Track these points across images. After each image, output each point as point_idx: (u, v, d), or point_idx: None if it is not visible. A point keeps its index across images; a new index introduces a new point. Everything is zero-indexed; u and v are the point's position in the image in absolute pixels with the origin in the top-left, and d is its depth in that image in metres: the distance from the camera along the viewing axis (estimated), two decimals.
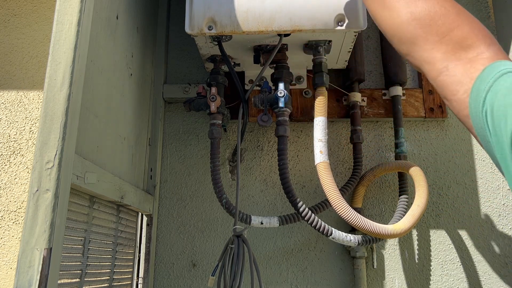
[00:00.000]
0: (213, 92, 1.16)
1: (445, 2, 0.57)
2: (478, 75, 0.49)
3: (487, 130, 0.45)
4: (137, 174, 1.24)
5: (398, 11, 0.59)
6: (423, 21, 0.57)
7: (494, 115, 0.44)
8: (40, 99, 1.45)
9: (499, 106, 0.44)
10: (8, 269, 1.33)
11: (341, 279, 1.30)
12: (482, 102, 0.46)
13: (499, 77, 0.46)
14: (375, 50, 1.47)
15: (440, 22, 0.55)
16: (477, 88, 0.48)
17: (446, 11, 0.56)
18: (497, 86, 0.45)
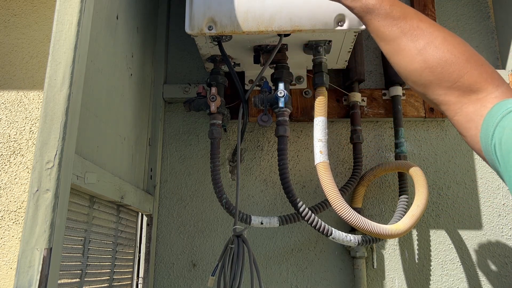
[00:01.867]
0: (213, 92, 1.16)
1: (455, 49, 0.61)
2: (487, 112, 0.53)
3: (497, 162, 0.49)
4: (137, 174, 1.24)
5: (412, 59, 0.63)
6: (435, 69, 0.61)
7: (502, 148, 0.48)
8: (40, 99, 1.45)
9: (507, 139, 0.48)
10: (8, 269, 1.33)
11: (341, 279, 1.30)
12: (491, 136, 0.50)
13: (507, 114, 0.50)
14: (375, 50, 1.47)
15: (451, 70, 0.59)
16: (487, 124, 0.52)
17: (456, 59, 0.60)
18: (505, 122, 0.50)
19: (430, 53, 0.62)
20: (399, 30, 0.65)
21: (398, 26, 0.66)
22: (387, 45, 0.68)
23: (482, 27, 1.48)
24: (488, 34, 1.48)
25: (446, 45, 0.62)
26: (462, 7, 1.51)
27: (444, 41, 0.62)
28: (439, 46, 0.62)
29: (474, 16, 1.50)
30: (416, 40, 0.64)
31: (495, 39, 1.47)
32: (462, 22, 1.49)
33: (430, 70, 0.61)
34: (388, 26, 0.67)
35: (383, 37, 0.68)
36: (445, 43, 0.62)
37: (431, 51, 0.62)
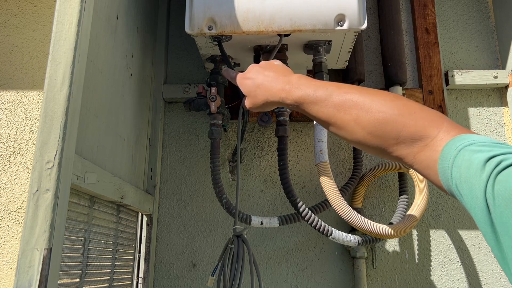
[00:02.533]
0: (213, 92, 1.16)
1: (384, 106, 0.63)
2: (439, 156, 0.55)
3: (462, 201, 0.51)
4: (137, 174, 1.24)
5: (352, 130, 0.65)
6: (375, 132, 0.63)
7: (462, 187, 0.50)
8: (40, 99, 1.45)
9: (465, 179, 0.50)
10: (8, 269, 1.33)
11: (341, 279, 1.30)
12: (450, 178, 0.52)
13: (458, 153, 0.52)
14: (375, 50, 1.47)
15: (388, 128, 0.61)
16: (442, 168, 0.54)
17: (389, 116, 0.62)
18: (458, 160, 0.51)
19: (365, 120, 0.64)
20: (331, 109, 0.68)
21: (328, 107, 0.68)
22: (329, 127, 0.70)
23: (482, 27, 1.48)
24: (488, 34, 1.48)
25: (375, 106, 0.64)
26: (462, 7, 1.51)
27: (372, 103, 0.64)
28: (369, 109, 0.64)
29: (474, 16, 1.50)
30: (348, 112, 0.66)
31: (495, 39, 1.47)
32: (462, 22, 1.49)
33: (371, 135, 0.63)
34: (321, 109, 0.69)
35: (322, 120, 0.70)
36: (374, 104, 0.64)
37: (364, 118, 0.64)
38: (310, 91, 0.70)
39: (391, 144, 0.61)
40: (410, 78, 1.43)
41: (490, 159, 0.48)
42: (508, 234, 0.44)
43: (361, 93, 0.66)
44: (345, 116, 0.66)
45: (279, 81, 0.76)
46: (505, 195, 0.45)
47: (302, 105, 0.71)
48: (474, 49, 1.47)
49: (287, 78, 0.76)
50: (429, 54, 1.41)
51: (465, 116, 1.41)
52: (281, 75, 0.77)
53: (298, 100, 0.72)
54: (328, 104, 0.68)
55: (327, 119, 0.68)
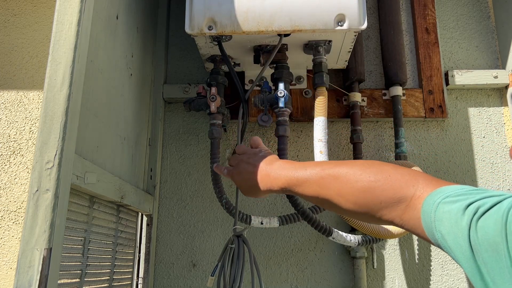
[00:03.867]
0: (213, 92, 1.16)
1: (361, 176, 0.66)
2: (421, 213, 0.57)
3: (451, 253, 0.52)
4: (137, 174, 1.24)
5: (339, 203, 0.68)
6: (359, 203, 0.65)
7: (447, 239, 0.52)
8: (40, 99, 1.45)
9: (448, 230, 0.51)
10: (8, 269, 1.33)
11: (341, 279, 1.30)
12: (435, 231, 0.53)
13: (437, 207, 0.54)
14: (375, 50, 1.47)
15: (369, 196, 0.64)
16: (426, 223, 0.55)
17: (366, 185, 0.65)
18: (439, 214, 0.53)
19: (345, 192, 0.67)
20: (315, 187, 0.71)
21: (312, 184, 0.72)
22: (319, 203, 0.73)
23: (482, 27, 1.48)
24: (488, 34, 1.48)
25: (351, 177, 0.67)
26: (462, 7, 1.51)
27: (347, 175, 0.67)
28: (347, 182, 0.67)
29: (474, 16, 1.50)
30: (329, 187, 0.69)
31: (495, 39, 1.47)
32: (462, 22, 1.49)
33: (355, 205, 0.66)
34: (306, 189, 0.73)
35: (312, 198, 0.73)
36: (350, 176, 0.67)
37: (344, 190, 0.67)
38: (292, 175, 0.75)
39: (375, 210, 0.63)
40: (410, 78, 1.43)
41: (467, 207, 0.49)
42: (494, 281, 0.45)
43: (338, 166, 0.69)
44: (328, 191, 0.69)
45: (264, 171, 0.81)
46: (489, 240, 0.46)
47: (289, 189, 0.76)
48: (474, 49, 1.47)
49: (271, 167, 0.80)
50: (429, 54, 1.41)
51: (465, 116, 1.41)
52: (266, 164, 0.82)
53: (283, 185, 0.76)
54: (311, 183, 0.72)
55: (314, 197, 0.72)
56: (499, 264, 0.45)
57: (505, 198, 0.48)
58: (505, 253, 0.44)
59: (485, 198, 0.49)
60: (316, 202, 0.73)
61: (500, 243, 0.45)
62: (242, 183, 0.86)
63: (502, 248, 0.44)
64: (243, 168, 0.86)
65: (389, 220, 0.63)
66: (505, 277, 0.44)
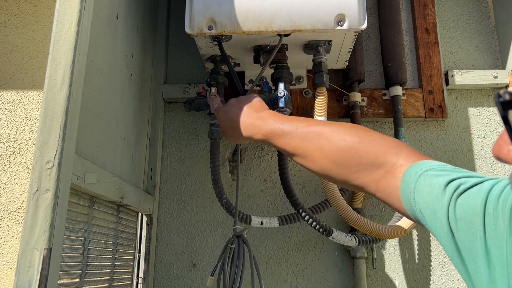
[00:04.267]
0: (213, 92, 1.15)
1: (345, 136, 0.66)
2: (400, 183, 0.56)
3: (427, 225, 0.52)
4: (137, 174, 1.24)
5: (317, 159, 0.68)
6: (337, 160, 0.65)
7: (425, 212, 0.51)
8: (40, 99, 1.45)
9: (427, 203, 0.51)
10: (8, 269, 1.33)
11: (341, 279, 1.30)
12: (413, 203, 0.53)
13: (418, 178, 0.53)
14: (375, 50, 1.47)
15: (350, 155, 0.64)
16: (404, 193, 0.55)
17: (350, 144, 0.65)
18: (419, 185, 0.53)
19: (327, 148, 0.67)
20: (297, 140, 0.71)
21: (295, 137, 0.72)
22: (296, 157, 0.73)
23: (482, 27, 1.48)
24: (488, 34, 1.48)
25: (336, 135, 0.67)
26: (462, 7, 1.51)
27: (333, 133, 0.68)
28: (331, 139, 0.67)
29: (474, 16, 1.50)
30: (312, 142, 0.69)
31: (495, 39, 1.47)
32: (462, 22, 1.49)
33: (333, 163, 0.66)
34: (288, 140, 0.73)
35: (290, 151, 0.73)
36: (335, 134, 0.67)
37: (326, 146, 0.67)
38: (277, 125, 0.75)
39: (353, 171, 0.63)
40: (410, 78, 1.43)
41: (449, 183, 0.49)
42: (472, 257, 0.45)
43: (324, 125, 0.71)
44: (309, 146, 0.69)
45: (250, 116, 0.80)
46: (466, 218, 0.45)
47: (270, 139, 0.75)
48: (474, 49, 1.47)
49: (258, 114, 0.80)
50: (429, 54, 1.41)
51: (465, 116, 1.41)
52: (254, 111, 0.81)
53: (266, 134, 0.76)
54: (294, 136, 0.72)
55: (293, 150, 0.72)
56: (474, 244, 0.44)
57: (486, 180, 0.48)
58: (481, 234, 0.44)
59: (467, 177, 0.49)
60: (292, 155, 0.73)
61: (477, 223, 0.44)
62: (226, 124, 0.84)
63: (479, 229, 0.44)
64: (230, 109, 0.85)
65: (362, 185, 0.63)
66: (478, 256, 0.44)
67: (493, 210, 0.43)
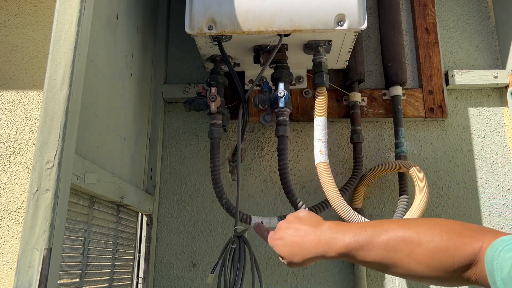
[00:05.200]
0: (213, 92, 1.16)
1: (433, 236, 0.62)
2: (484, 262, 0.56)
3: None
4: (137, 174, 1.24)
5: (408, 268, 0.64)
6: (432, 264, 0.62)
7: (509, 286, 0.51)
8: (40, 99, 1.45)
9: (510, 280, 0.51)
10: (8, 269, 1.33)
11: (341, 279, 1.30)
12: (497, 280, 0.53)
13: (498, 256, 0.53)
14: (375, 50, 1.47)
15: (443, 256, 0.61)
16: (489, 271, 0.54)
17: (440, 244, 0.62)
18: (500, 262, 0.52)
19: (418, 253, 0.63)
20: (380, 250, 0.66)
21: (376, 247, 0.66)
22: (384, 268, 0.68)
23: (482, 27, 1.48)
24: (488, 34, 1.48)
25: (423, 237, 0.63)
26: (462, 7, 1.51)
27: (419, 234, 0.63)
28: (419, 242, 0.63)
29: (474, 16, 1.50)
30: (399, 249, 0.64)
31: (495, 39, 1.47)
32: (462, 22, 1.49)
33: (428, 268, 0.62)
34: (369, 253, 0.67)
35: (376, 263, 0.68)
36: (421, 236, 0.63)
37: (417, 251, 0.63)
38: (349, 239, 0.69)
39: (450, 271, 0.61)
40: (410, 78, 1.43)
41: None
42: None
43: (403, 226, 0.65)
44: (396, 254, 0.64)
45: (311, 236, 0.73)
46: None
47: (348, 255, 0.69)
48: (474, 49, 1.47)
49: (319, 231, 0.73)
50: (429, 54, 1.41)
51: (465, 116, 1.41)
52: (312, 227, 0.75)
53: (340, 251, 0.69)
54: (374, 246, 0.66)
55: (379, 261, 0.67)
56: None
57: None
58: None
59: None
60: (380, 267, 0.67)
61: None
62: (286, 250, 0.76)
63: None
64: (289, 229, 0.77)
65: (466, 279, 0.61)
66: None
67: None
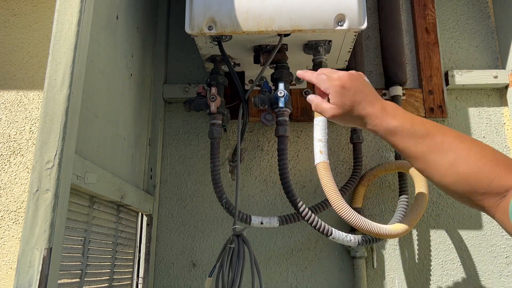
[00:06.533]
0: (213, 92, 1.16)
1: (483, 157, 0.64)
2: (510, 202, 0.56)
3: None
4: (137, 174, 1.24)
5: (444, 173, 0.66)
6: (468, 180, 0.64)
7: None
8: (40, 99, 1.45)
9: None
10: (8, 269, 1.33)
11: (341, 279, 1.30)
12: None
13: None
14: (375, 50, 1.47)
15: (482, 177, 0.63)
16: None
17: (485, 166, 0.63)
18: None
19: (461, 166, 0.64)
20: (425, 148, 0.68)
21: (424, 144, 0.68)
22: (417, 163, 0.70)
23: (482, 27, 1.48)
24: (488, 34, 1.48)
25: (472, 155, 0.65)
26: (462, 7, 1.51)
27: (470, 152, 0.65)
28: (466, 158, 0.65)
29: (474, 16, 1.50)
30: (444, 155, 0.66)
31: (495, 39, 1.47)
32: (462, 22, 1.49)
33: (464, 181, 0.64)
34: (414, 145, 0.68)
35: (411, 155, 0.70)
36: (472, 153, 0.65)
37: (461, 164, 0.64)
38: (408, 124, 0.70)
39: (479, 193, 0.62)
40: (410, 78, 1.43)
41: None
42: None
43: (458, 139, 0.67)
44: (439, 159, 0.66)
45: (377, 102, 0.73)
46: None
47: (394, 136, 0.70)
48: (474, 49, 1.47)
49: (382, 104, 0.73)
50: (429, 54, 1.41)
51: (465, 116, 1.40)
52: (375, 97, 0.74)
53: (392, 129, 0.70)
54: (423, 142, 0.68)
55: (418, 156, 0.68)
56: None
57: None
58: None
59: None
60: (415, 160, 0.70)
61: None
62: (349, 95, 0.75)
63: None
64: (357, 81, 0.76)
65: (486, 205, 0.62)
66: None
67: None
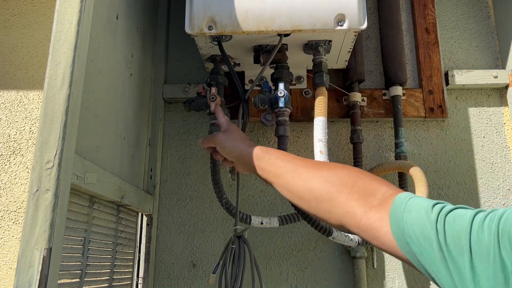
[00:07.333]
0: (213, 92, 1.15)
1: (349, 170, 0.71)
2: (391, 206, 0.59)
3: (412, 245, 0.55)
4: (137, 174, 1.24)
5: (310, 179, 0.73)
6: (332, 180, 0.70)
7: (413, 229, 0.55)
8: (40, 99, 1.45)
9: (416, 220, 0.55)
10: (8, 269, 1.33)
11: (341, 279, 1.30)
12: (402, 222, 0.56)
13: (408, 201, 0.58)
14: (375, 50, 1.46)
15: (346, 177, 0.68)
16: (394, 214, 0.58)
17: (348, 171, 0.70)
18: (409, 206, 0.57)
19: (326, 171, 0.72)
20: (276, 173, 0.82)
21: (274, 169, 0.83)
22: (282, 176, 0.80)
23: (482, 27, 1.48)
24: (488, 34, 1.48)
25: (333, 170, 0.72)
26: (462, 7, 1.51)
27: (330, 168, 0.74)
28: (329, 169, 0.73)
29: (474, 16, 1.50)
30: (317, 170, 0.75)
31: (495, 39, 1.47)
32: (462, 22, 1.49)
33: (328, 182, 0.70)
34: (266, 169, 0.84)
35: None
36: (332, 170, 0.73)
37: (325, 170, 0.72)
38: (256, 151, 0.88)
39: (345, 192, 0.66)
40: (410, 78, 1.43)
41: (435, 205, 0.55)
42: (459, 273, 0.48)
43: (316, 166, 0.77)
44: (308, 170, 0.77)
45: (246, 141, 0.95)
46: (453, 235, 0.50)
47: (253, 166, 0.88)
48: (474, 49, 1.47)
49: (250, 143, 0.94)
50: (429, 54, 1.41)
51: (465, 116, 1.40)
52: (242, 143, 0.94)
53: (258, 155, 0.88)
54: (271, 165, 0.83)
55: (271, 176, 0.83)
56: (462, 258, 0.48)
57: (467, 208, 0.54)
58: (467, 249, 0.48)
59: (447, 204, 0.56)
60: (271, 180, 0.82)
61: (463, 238, 0.49)
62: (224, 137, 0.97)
63: (465, 243, 0.49)
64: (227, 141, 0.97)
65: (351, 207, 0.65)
66: (465, 271, 0.48)
67: (479, 227, 0.48)
